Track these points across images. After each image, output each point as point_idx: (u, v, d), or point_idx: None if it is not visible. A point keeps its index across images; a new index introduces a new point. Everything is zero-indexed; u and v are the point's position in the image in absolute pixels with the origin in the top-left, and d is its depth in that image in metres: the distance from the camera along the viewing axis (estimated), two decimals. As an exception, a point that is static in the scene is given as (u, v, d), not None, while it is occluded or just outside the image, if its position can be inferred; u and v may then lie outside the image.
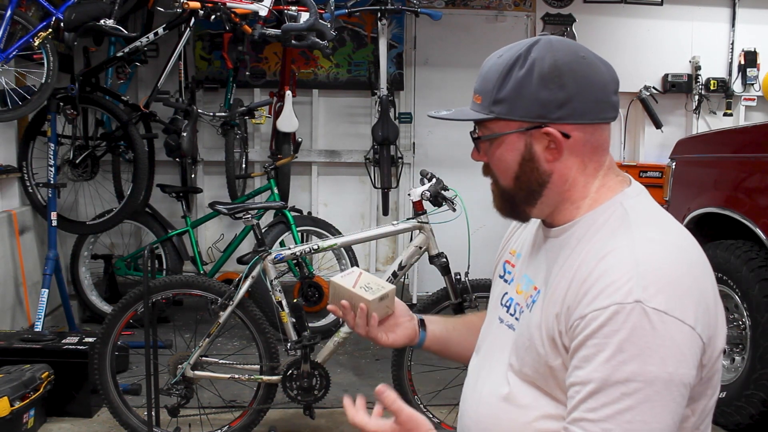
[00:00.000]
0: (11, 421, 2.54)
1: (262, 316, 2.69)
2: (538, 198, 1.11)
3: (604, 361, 0.93)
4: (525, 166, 1.09)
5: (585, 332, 0.96)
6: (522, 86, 1.05)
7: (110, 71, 4.33)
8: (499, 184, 1.14)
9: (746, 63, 5.19)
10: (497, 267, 1.32)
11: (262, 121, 4.57)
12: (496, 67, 1.08)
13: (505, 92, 1.07)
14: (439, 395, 2.78)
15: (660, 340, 0.92)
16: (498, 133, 1.10)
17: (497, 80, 1.07)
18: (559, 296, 1.03)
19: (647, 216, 1.06)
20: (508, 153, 1.10)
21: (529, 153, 1.08)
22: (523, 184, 1.10)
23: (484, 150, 1.14)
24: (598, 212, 1.08)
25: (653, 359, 0.91)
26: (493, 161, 1.13)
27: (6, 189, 3.76)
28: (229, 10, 3.52)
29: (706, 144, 3.52)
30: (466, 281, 2.66)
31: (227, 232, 4.79)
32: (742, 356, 2.79)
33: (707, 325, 0.97)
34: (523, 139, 1.08)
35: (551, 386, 1.04)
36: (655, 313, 0.92)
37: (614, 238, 1.01)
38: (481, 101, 1.10)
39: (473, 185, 2.62)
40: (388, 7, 4.29)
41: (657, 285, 0.94)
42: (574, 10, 5.15)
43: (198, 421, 2.68)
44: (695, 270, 1.00)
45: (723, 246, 2.89)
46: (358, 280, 1.30)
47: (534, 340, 1.06)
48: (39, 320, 3.33)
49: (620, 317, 0.93)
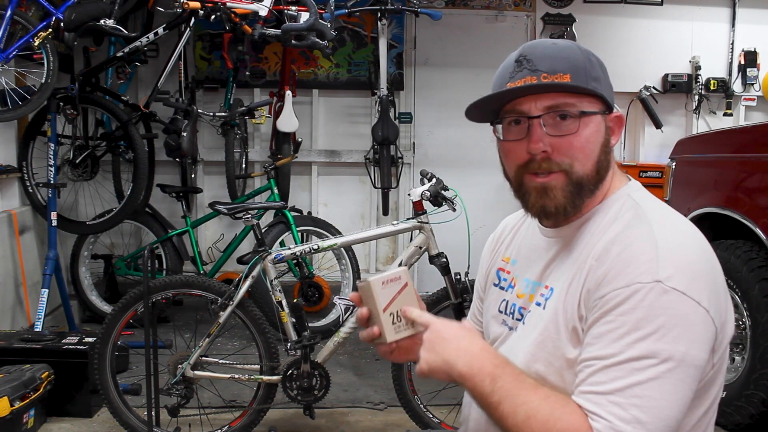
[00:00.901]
0: (11, 421, 2.53)
1: (262, 316, 2.69)
2: (598, 189, 1.10)
3: (618, 337, 0.94)
4: (604, 150, 1.09)
5: (602, 310, 0.97)
6: (600, 71, 1.09)
7: (110, 71, 4.33)
8: (574, 170, 1.06)
9: (746, 63, 5.20)
10: (488, 277, 1.30)
11: (262, 121, 4.57)
12: (569, 50, 1.08)
13: (595, 72, 1.08)
14: (439, 395, 2.78)
15: (676, 319, 0.92)
16: (594, 111, 1.07)
17: (584, 60, 1.07)
18: (577, 286, 1.03)
19: (657, 206, 1.08)
20: (595, 135, 1.08)
21: (608, 136, 1.10)
22: (601, 170, 1.09)
23: (562, 130, 1.05)
24: (609, 203, 1.10)
25: (668, 338, 0.92)
26: (579, 142, 1.06)
27: (6, 189, 3.76)
28: (229, 10, 3.52)
29: (706, 144, 3.51)
30: (466, 281, 2.66)
31: (227, 232, 4.79)
32: (742, 356, 2.79)
33: (720, 310, 0.98)
34: (604, 122, 1.09)
35: (566, 380, 1.03)
36: (673, 293, 0.93)
37: (631, 225, 1.03)
38: (570, 78, 1.05)
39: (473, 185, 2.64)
40: (388, 7, 4.29)
41: (676, 266, 0.95)
42: (574, 10, 5.15)
43: (198, 421, 2.67)
44: (710, 257, 1.02)
45: (723, 246, 2.89)
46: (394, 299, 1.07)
47: (549, 334, 1.06)
48: (39, 320, 3.33)
49: (639, 295, 0.94)
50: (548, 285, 1.11)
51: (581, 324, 1.01)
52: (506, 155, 1.13)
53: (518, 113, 1.08)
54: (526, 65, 1.06)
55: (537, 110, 1.06)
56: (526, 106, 1.07)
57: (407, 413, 2.73)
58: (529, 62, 1.06)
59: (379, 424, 2.93)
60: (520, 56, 1.08)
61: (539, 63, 1.06)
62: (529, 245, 1.21)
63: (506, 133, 1.11)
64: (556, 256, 1.13)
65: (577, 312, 1.02)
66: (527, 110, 1.07)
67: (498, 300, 1.23)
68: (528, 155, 1.07)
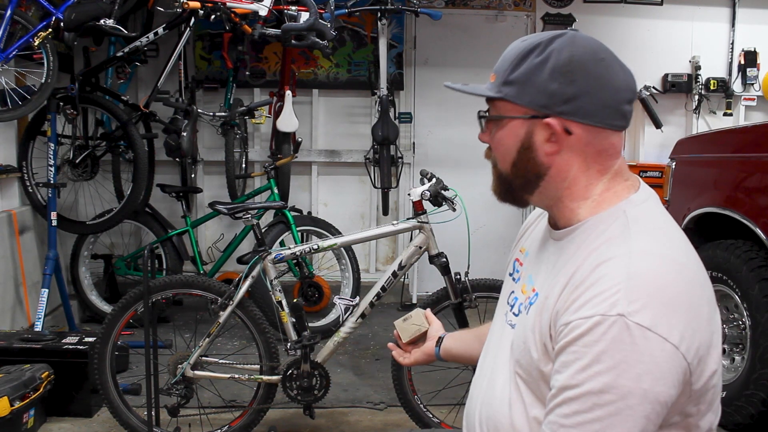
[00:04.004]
0: (11, 421, 2.53)
1: (262, 316, 2.69)
2: (535, 188, 1.11)
3: (581, 369, 0.92)
4: (523, 154, 1.09)
5: (567, 338, 0.95)
6: (533, 73, 1.05)
7: (110, 71, 4.33)
8: (497, 167, 1.15)
9: (746, 63, 5.20)
10: (509, 265, 1.32)
11: (262, 121, 4.57)
12: (516, 50, 1.09)
13: (516, 75, 1.06)
14: (439, 395, 2.78)
15: (638, 355, 0.90)
16: (503, 116, 1.10)
17: (512, 62, 1.08)
18: (552, 301, 1.03)
19: (649, 226, 1.03)
20: (509, 138, 1.10)
21: (529, 141, 1.08)
22: (520, 171, 1.10)
23: (489, 131, 1.14)
24: (600, 218, 1.05)
25: (629, 374, 0.90)
26: (494, 143, 1.13)
27: (6, 189, 3.76)
28: (229, 9, 3.52)
29: (706, 144, 3.51)
30: (466, 281, 2.66)
31: (227, 232, 4.79)
32: (742, 356, 2.79)
33: (697, 345, 0.94)
34: (525, 126, 1.07)
35: (543, 391, 1.03)
36: (637, 328, 0.90)
37: (611, 248, 0.99)
38: (494, 80, 1.10)
39: (473, 185, 2.63)
40: (388, 7, 4.30)
41: (645, 300, 0.92)
42: (574, 10, 5.15)
43: (198, 421, 2.68)
44: (691, 288, 0.97)
45: (723, 246, 2.89)
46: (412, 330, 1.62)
47: (528, 343, 1.06)
48: (39, 320, 3.33)
49: (601, 328, 0.92)
50: (535, 288, 1.11)
51: (551, 343, 1.01)
52: None
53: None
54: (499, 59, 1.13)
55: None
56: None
57: (407, 413, 2.73)
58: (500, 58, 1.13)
59: (379, 424, 2.93)
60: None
61: (499, 60, 1.12)
62: (540, 240, 1.20)
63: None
64: (548, 259, 1.13)
65: (548, 330, 1.02)
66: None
67: (508, 290, 1.24)
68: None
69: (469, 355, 1.49)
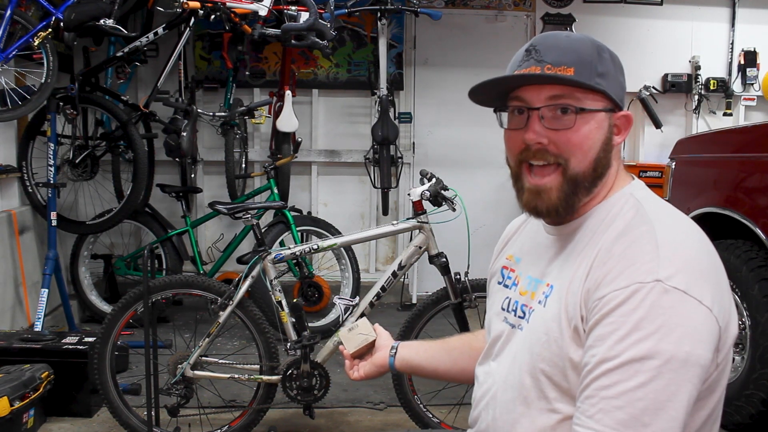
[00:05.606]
0: (11, 421, 2.53)
1: (262, 316, 2.69)
2: (594, 187, 1.09)
3: (620, 339, 0.93)
4: (604, 149, 1.08)
5: (603, 311, 0.96)
6: (611, 67, 1.08)
7: (110, 71, 4.33)
8: (570, 166, 1.06)
9: (746, 63, 5.20)
10: (493, 276, 1.31)
11: (262, 121, 4.57)
12: (580, 43, 1.07)
13: (603, 68, 1.07)
14: (439, 395, 2.78)
15: (678, 318, 0.92)
16: (597, 109, 1.07)
17: (593, 54, 1.06)
18: (578, 284, 1.03)
19: (660, 206, 1.08)
20: (596, 131, 1.07)
21: (610, 135, 1.09)
22: (599, 168, 1.08)
23: (562, 126, 1.06)
24: (611, 202, 1.09)
25: (670, 338, 0.91)
26: (576, 138, 1.05)
27: (6, 189, 3.76)
28: (229, 9, 3.52)
29: (705, 144, 3.51)
30: (465, 281, 2.66)
31: (227, 232, 4.79)
32: (742, 356, 2.79)
33: (723, 309, 0.97)
34: (608, 119, 1.08)
35: (571, 381, 1.02)
36: (675, 292, 0.92)
37: (633, 225, 1.02)
38: (574, 72, 1.04)
39: (473, 185, 2.65)
40: (388, 7, 4.30)
41: (677, 266, 0.95)
42: (574, 10, 5.15)
43: (198, 421, 2.67)
44: (714, 260, 1.02)
45: (723, 246, 2.89)
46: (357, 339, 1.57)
47: (551, 333, 1.05)
48: (39, 320, 3.33)
49: (639, 295, 0.93)
50: (549, 283, 1.11)
51: (583, 325, 1.00)
52: (506, 143, 1.14)
53: (521, 102, 1.09)
54: (533, 55, 1.07)
55: (538, 101, 1.07)
56: (528, 95, 1.08)
57: (407, 413, 2.73)
58: (537, 52, 1.07)
59: (378, 424, 2.93)
60: (530, 46, 1.09)
61: (546, 54, 1.06)
62: (533, 243, 1.21)
63: (509, 121, 1.13)
64: (557, 253, 1.13)
65: (579, 312, 1.01)
66: (529, 100, 1.08)
67: (501, 298, 1.23)
68: (524, 144, 1.09)
69: (433, 367, 1.44)
